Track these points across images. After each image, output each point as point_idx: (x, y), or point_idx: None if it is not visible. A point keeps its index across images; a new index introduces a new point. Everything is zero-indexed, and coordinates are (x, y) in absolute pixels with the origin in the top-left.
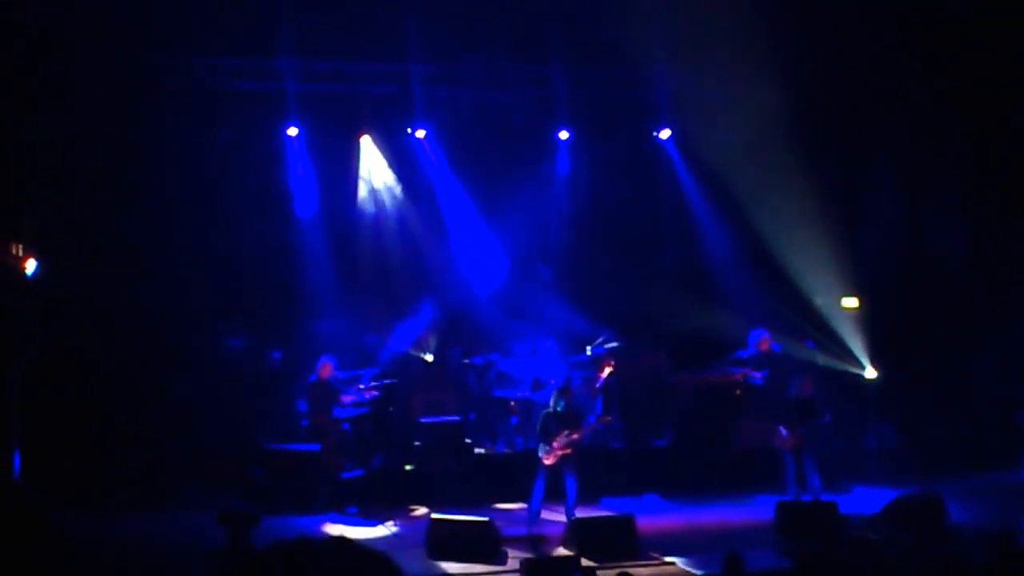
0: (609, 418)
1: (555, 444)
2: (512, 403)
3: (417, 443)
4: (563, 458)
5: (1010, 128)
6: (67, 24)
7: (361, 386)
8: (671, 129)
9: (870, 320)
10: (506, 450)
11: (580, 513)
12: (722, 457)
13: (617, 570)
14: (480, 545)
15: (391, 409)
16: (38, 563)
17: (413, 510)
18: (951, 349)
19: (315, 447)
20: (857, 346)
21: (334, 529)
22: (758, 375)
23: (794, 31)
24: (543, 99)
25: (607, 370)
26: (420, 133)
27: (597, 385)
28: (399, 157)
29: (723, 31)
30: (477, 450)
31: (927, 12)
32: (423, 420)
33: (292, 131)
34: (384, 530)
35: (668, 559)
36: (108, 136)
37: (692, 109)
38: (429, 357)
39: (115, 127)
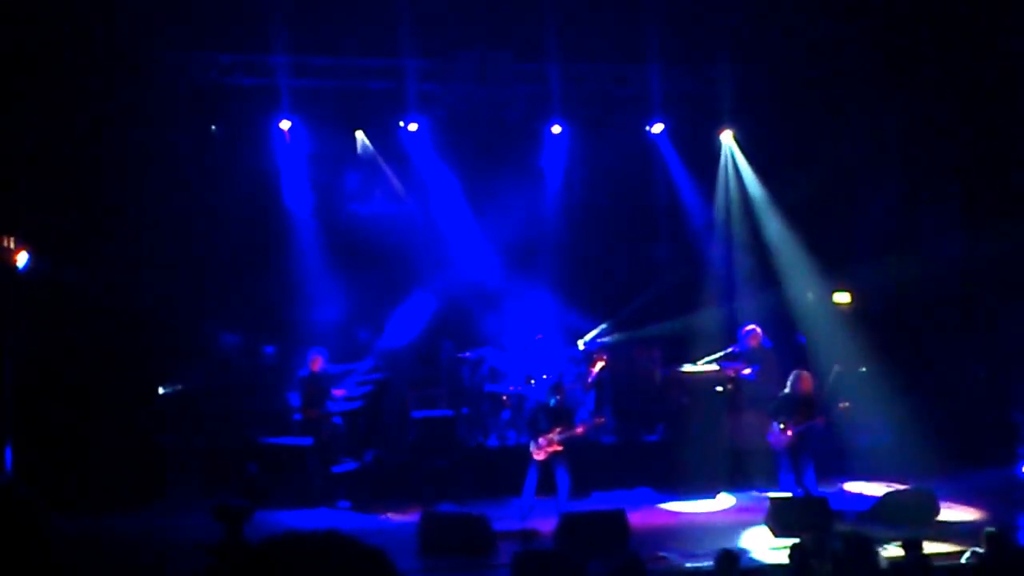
0: (602, 419)
1: (542, 441)
2: (504, 398)
3: (409, 437)
4: (554, 453)
5: (1010, 128)
6: (61, 20)
7: (357, 384)
8: (664, 124)
9: (863, 315)
10: (498, 444)
11: (571, 508)
12: (714, 452)
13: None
14: (472, 539)
15: (383, 403)
16: (30, 561)
17: (405, 504)
18: (945, 344)
19: (308, 441)
20: (850, 341)
21: (326, 523)
22: (749, 371)
23: (792, 27)
24: (536, 94)
25: (599, 365)
26: (413, 127)
27: (589, 380)
28: (393, 152)
29: (718, 26)
30: (469, 444)
31: (927, 10)
32: (415, 414)
33: (284, 124)
34: (376, 524)
35: (660, 554)
36: (101, 130)
37: (687, 104)
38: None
39: (108, 121)
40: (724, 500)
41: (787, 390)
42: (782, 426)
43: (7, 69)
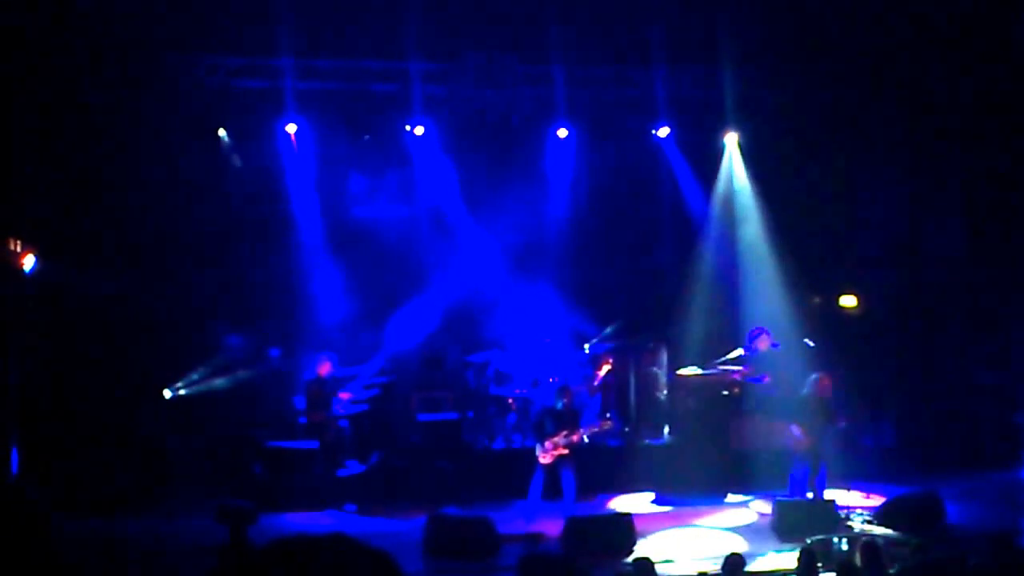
0: (609, 422)
1: (548, 444)
2: (510, 401)
3: (415, 441)
4: (560, 457)
5: (1013, 131)
6: (67, 22)
7: (360, 391)
8: (670, 127)
9: (869, 319)
10: (504, 448)
11: (577, 511)
12: (720, 456)
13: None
14: (478, 542)
15: (389, 406)
16: (37, 562)
17: (411, 507)
18: (949, 347)
19: (313, 444)
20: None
21: (332, 526)
22: (769, 379)
23: (793, 29)
24: (542, 97)
25: (605, 368)
26: (419, 130)
27: (595, 383)
28: (397, 154)
29: (722, 29)
30: (475, 448)
31: (930, 15)
32: (421, 417)
33: (291, 128)
34: (382, 527)
35: (665, 557)
36: (107, 132)
37: (693, 108)
38: None
39: (114, 123)
40: (730, 503)
41: (805, 392)
42: (800, 429)
43: (15, 71)
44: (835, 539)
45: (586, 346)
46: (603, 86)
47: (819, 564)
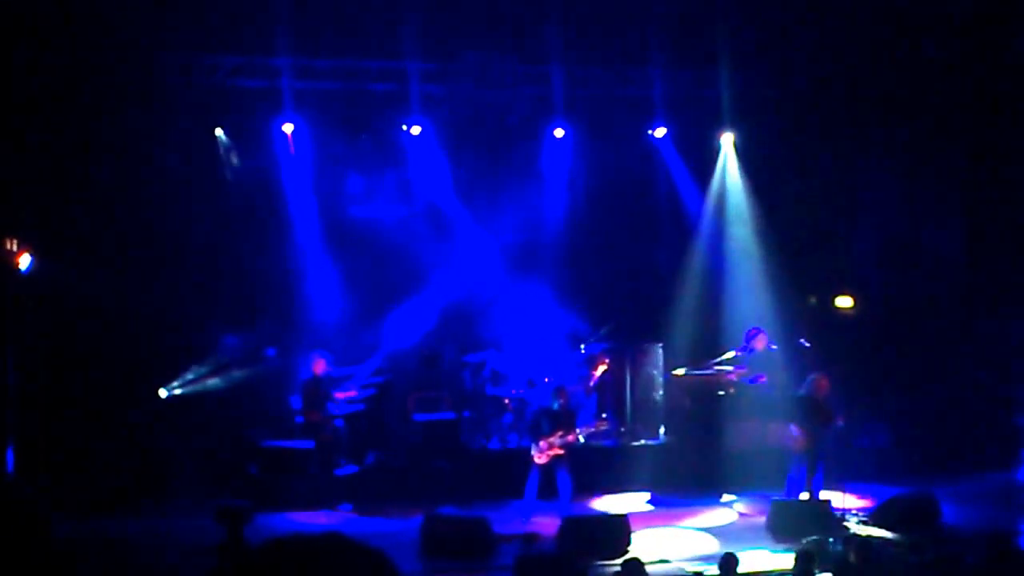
0: (605, 423)
1: (543, 444)
2: (506, 401)
3: (411, 440)
4: (556, 457)
5: (1009, 126)
6: (64, 21)
7: (351, 393)
8: (667, 127)
9: (866, 319)
10: (500, 448)
11: (573, 511)
12: (716, 455)
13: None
14: (474, 542)
15: (385, 406)
16: (32, 560)
17: (407, 507)
18: (946, 348)
19: (310, 444)
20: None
21: (328, 526)
22: (755, 374)
23: (791, 29)
24: (539, 97)
25: (601, 368)
26: (416, 130)
27: (591, 383)
28: (394, 154)
29: (721, 29)
30: (471, 447)
31: (929, 15)
32: (417, 417)
33: (287, 127)
34: (378, 527)
35: (661, 557)
36: (104, 131)
37: (690, 108)
38: None
39: (111, 122)
40: (726, 503)
41: (803, 392)
42: (797, 428)
43: (11, 70)
44: (830, 539)
45: (582, 346)
46: (600, 86)
47: (814, 564)
